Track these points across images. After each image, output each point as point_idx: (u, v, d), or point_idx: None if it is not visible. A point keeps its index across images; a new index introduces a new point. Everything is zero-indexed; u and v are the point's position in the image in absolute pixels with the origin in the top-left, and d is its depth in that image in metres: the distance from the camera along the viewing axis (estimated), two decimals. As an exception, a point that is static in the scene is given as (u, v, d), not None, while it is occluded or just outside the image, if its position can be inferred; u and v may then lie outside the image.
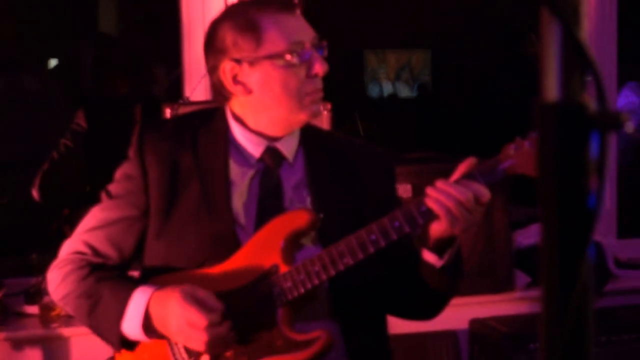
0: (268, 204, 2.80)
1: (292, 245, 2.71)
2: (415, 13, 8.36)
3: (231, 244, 2.75)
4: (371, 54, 8.80)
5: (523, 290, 4.49)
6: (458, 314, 4.36)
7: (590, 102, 1.14)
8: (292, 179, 2.84)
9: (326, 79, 2.81)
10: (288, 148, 2.85)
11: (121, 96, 5.35)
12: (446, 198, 2.52)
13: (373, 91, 8.95)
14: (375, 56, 8.81)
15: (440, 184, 2.54)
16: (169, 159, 2.83)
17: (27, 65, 7.24)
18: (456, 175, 2.58)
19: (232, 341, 2.66)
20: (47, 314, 4.07)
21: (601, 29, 4.92)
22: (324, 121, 3.90)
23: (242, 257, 2.73)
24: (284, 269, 2.68)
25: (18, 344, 4.11)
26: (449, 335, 4.37)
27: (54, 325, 4.09)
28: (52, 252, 2.98)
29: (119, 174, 2.90)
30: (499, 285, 4.44)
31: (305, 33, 2.77)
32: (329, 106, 3.97)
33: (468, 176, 2.56)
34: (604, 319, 4.32)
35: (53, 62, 7.32)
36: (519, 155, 2.55)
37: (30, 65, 7.26)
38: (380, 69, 8.80)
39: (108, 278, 2.78)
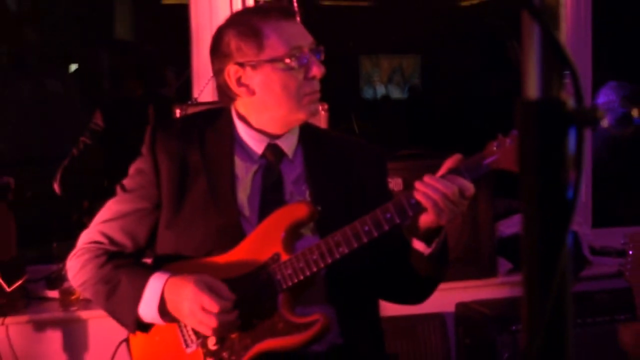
0: (270, 197, 2.80)
1: (293, 235, 2.71)
2: (406, 21, 8.35)
3: (236, 235, 2.75)
4: (366, 59, 8.78)
5: (505, 276, 4.49)
6: (445, 298, 4.35)
7: (568, 99, 1.12)
8: (292, 173, 2.84)
9: (324, 82, 2.81)
10: (288, 145, 2.84)
11: (135, 97, 5.33)
12: (433, 192, 2.52)
13: (367, 93, 8.93)
14: (369, 61, 8.79)
15: (428, 178, 2.54)
16: (178, 156, 2.83)
17: (50, 70, 7.23)
18: (443, 170, 2.58)
19: (238, 327, 2.66)
20: (67, 298, 4.06)
21: (576, 34, 4.89)
22: (321, 121, 3.88)
23: (247, 247, 2.73)
24: (284, 257, 2.68)
25: (40, 326, 4.11)
26: (437, 318, 4.36)
27: (73, 308, 4.09)
28: (71, 241, 2.98)
29: (132, 169, 2.90)
30: (483, 271, 4.43)
31: (304, 38, 2.77)
32: (326, 107, 3.95)
33: (454, 171, 2.56)
34: (579, 302, 4.32)
35: (73, 67, 7.31)
36: (501, 152, 2.55)
37: (53, 69, 7.25)
38: (374, 72, 8.78)
39: (124, 265, 2.79)
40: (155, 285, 2.69)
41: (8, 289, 3.76)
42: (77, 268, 2.84)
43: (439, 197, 2.51)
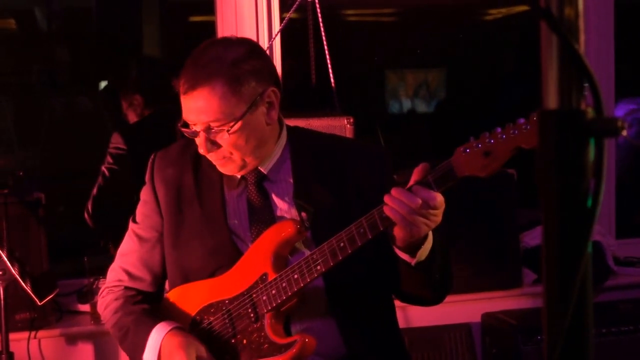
0: (259, 216, 2.83)
1: (281, 254, 2.73)
2: (431, 36, 8.34)
3: (233, 255, 2.80)
4: (391, 74, 8.76)
5: (530, 286, 4.48)
6: (471, 309, 4.36)
7: (588, 110, 1.12)
8: (280, 190, 2.85)
9: (350, 96, 2.78)
10: (266, 165, 2.84)
11: (164, 111, 5.31)
12: (399, 205, 2.44)
13: (393, 107, 8.91)
14: (394, 75, 8.77)
15: (395, 191, 2.46)
16: (173, 183, 2.92)
17: (80, 87, 7.27)
18: (411, 181, 2.49)
19: None
20: (98, 312, 4.06)
21: (598, 47, 4.87)
22: (347, 134, 3.88)
23: (241, 267, 2.78)
24: (271, 276, 2.70)
25: (72, 339, 4.13)
26: (463, 328, 4.35)
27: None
28: (102, 256, 3.06)
29: (140, 198, 3.02)
30: (508, 282, 4.42)
31: (194, 114, 2.70)
32: (352, 120, 3.94)
33: (421, 182, 2.46)
34: (604, 312, 4.30)
35: (103, 84, 7.35)
36: (469, 157, 2.41)
37: (84, 87, 7.30)
38: (399, 86, 8.76)
39: (134, 312, 2.91)
40: (155, 337, 2.79)
41: (39, 303, 3.77)
42: (102, 309, 3.03)
43: (405, 211, 2.43)
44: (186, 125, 2.73)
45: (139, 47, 7.21)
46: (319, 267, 2.60)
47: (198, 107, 2.67)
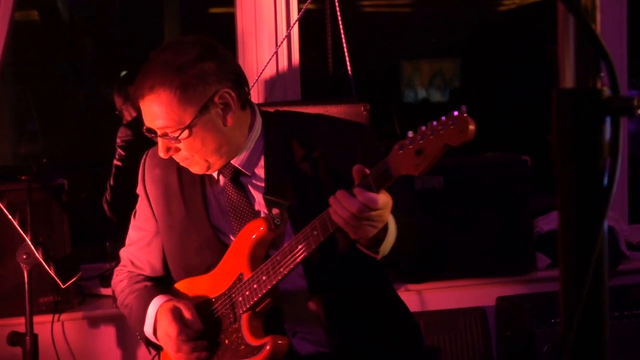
0: (239, 211, 2.79)
1: (257, 252, 2.69)
2: (446, 26, 8.33)
3: (222, 251, 2.78)
4: (406, 63, 8.74)
5: (544, 270, 4.48)
6: (486, 293, 4.36)
7: (604, 88, 1.11)
8: (254, 183, 2.81)
9: (367, 85, 2.74)
10: (240, 161, 2.79)
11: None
12: (341, 210, 2.36)
13: (409, 96, 8.90)
14: (410, 65, 8.76)
15: (338, 194, 2.38)
16: (161, 182, 2.92)
17: (103, 77, 7.30)
18: (355, 182, 2.39)
19: (202, 352, 2.74)
20: (118, 295, 4.09)
21: (611, 25, 4.85)
22: (363, 120, 3.88)
23: (224, 265, 2.77)
24: (247, 276, 2.68)
25: (94, 322, 4.15)
26: (478, 312, 4.36)
27: (126, 305, 4.11)
28: (123, 241, 3.10)
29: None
30: (523, 266, 4.43)
31: (149, 121, 2.69)
32: (368, 107, 3.94)
33: (363, 184, 2.36)
34: (617, 296, 4.30)
35: (123, 74, 7.37)
36: (403, 156, 2.29)
37: (105, 77, 7.32)
38: (414, 76, 8.74)
39: (137, 290, 2.95)
40: (152, 309, 2.82)
41: (63, 286, 3.78)
42: (113, 288, 3.12)
43: (347, 216, 2.35)
44: (149, 130, 2.70)
45: (160, 38, 7.22)
46: (282, 269, 2.56)
47: (150, 115, 2.66)
